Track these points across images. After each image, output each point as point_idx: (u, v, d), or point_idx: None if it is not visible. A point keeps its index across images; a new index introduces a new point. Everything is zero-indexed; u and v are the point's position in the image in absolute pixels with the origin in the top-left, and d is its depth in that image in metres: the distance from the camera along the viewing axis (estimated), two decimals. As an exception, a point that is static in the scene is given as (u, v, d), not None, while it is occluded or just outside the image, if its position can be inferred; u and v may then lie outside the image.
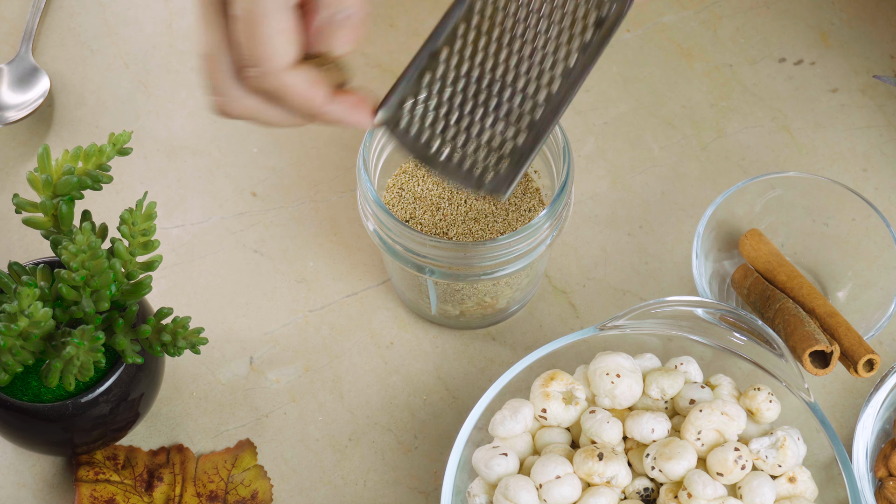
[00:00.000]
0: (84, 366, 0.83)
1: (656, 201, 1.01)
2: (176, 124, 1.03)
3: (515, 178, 0.77)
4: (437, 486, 0.92)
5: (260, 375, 0.95)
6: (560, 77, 0.78)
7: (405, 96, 0.78)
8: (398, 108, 0.78)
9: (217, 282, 0.98)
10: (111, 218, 1.00)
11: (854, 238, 0.95)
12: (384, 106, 0.78)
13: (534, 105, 0.78)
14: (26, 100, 1.02)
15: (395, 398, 0.95)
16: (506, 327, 0.97)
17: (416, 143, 0.78)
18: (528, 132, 0.77)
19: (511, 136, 0.78)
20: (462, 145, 0.78)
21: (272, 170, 1.02)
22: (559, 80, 0.78)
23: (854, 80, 1.05)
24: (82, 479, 0.91)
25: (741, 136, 1.03)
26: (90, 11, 1.07)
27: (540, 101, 0.78)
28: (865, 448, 0.89)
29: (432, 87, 0.78)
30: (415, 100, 0.78)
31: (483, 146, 0.78)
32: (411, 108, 0.78)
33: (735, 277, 0.95)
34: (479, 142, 0.78)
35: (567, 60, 0.78)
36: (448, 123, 0.78)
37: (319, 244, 1.00)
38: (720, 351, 0.89)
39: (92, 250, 0.82)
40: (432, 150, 0.78)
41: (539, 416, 0.86)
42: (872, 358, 0.89)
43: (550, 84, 0.78)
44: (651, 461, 0.84)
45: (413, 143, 0.78)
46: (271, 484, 0.92)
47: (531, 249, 0.89)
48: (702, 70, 1.06)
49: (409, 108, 0.78)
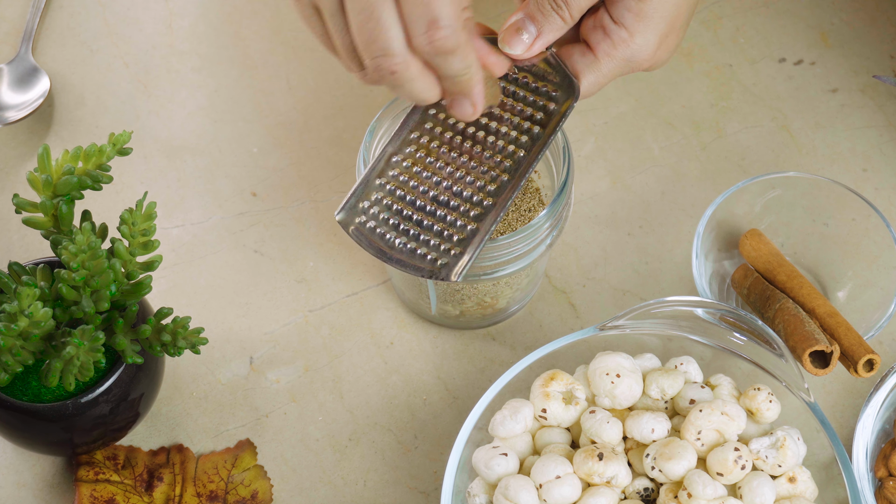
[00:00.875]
0: (84, 366, 0.83)
1: (656, 201, 1.01)
2: (176, 124, 1.03)
3: (466, 265, 0.83)
4: (437, 486, 0.92)
5: (260, 375, 0.95)
6: (507, 170, 0.84)
7: (362, 197, 0.85)
8: (355, 208, 0.85)
9: (217, 282, 0.98)
10: (111, 218, 1.00)
11: (854, 238, 0.95)
12: (343, 208, 0.85)
13: (482, 198, 0.84)
14: (26, 100, 1.02)
15: (395, 398, 0.95)
16: (506, 327, 0.97)
17: (373, 238, 0.84)
18: (476, 222, 0.83)
19: (460, 226, 0.84)
20: (415, 238, 0.84)
21: (272, 170, 1.02)
22: (507, 173, 0.84)
23: (854, 80, 1.05)
24: (82, 479, 0.90)
25: (741, 136, 1.03)
26: (90, 11, 1.07)
27: (488, 193, 0.84)
28: (865, 448, 0.89)
29: (388, 187, 0.85)
30: (372, 200, 0.85)
31: (435, 237, 0.84)
32: (368, 206, 0.85)
33: (735, 277, 0.95)
34: (432, 233, 0.84)
35: (514, 155, 0.84)
36: (402, 218, 0.84)
37: (319, 244, 0.99)
38: (720, 351, 0.89)
39: (92, 250, 0.82)
40: (388, 242, 0.84)
41: (539, 416, 0.86)
42: (872, 358, 0.89)
43: (498, 178, 0.84)
44: (651, 461, 0.84)
45: (369, 238, 0.84)
46: (271, 484, 0.92)
47: (531, 249, 0.89)
48: (702, 70, 1.05)
49: (365, 208, 0.85)
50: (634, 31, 0.84)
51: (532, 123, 0.85)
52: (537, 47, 0.84)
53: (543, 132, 0.84)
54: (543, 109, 0.85)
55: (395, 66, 0.79)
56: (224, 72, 1.05)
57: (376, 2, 0.77)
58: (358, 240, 0.85)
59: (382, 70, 0.79)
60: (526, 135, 0.84)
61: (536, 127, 0.84)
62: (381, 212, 0.85)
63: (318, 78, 1.05)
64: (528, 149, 0.84)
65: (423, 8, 0.77)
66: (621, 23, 0.84)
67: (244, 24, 1.07)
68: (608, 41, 0.84)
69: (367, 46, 0.78)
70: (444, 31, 0.77)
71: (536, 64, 0.85)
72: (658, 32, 0.84)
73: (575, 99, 0.84)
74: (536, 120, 0.85)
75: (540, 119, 0.85)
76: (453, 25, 0.77)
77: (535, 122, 0.85)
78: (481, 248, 0.83)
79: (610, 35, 0.84)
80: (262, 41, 1.06)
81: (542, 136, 0.84)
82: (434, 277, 0.83)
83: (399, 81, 0.79)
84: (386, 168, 0.85)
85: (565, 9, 0.83)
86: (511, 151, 0.84)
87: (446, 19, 0.77)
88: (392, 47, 0.78)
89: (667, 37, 0.85)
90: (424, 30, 0.77)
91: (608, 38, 0.84)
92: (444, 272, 0.83)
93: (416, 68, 0.79)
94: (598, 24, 0.84)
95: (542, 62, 0.85)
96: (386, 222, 0.84)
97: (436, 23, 0.77)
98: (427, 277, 0.83)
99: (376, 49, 0.78)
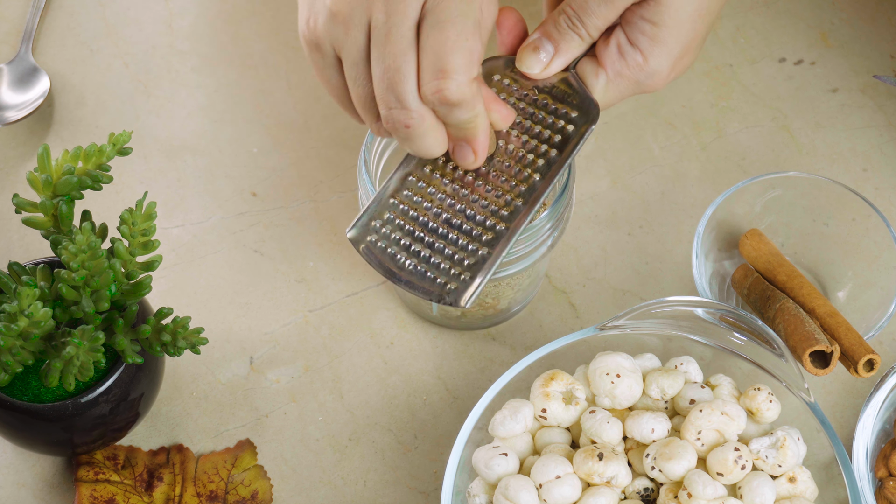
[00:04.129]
0: (84, 366, 0.83)
1: (656, 201, 1.01)
2: (176, 124, 1.03)
3: (475, 291, 0.82)
4: (437, 486, 0.92)
5: (260, 375, 0.95)
6: (522, 195, 0.83)
7: (374, 215, 0.84)
8: (367, 226, 0.84)
9: (217, 282, 0.98)
10: (111, 218, 1.00)
11: (854, 238, 0.95)
12: (355, 225, 0.84)
13: (495, 223, 0.83)
14: (26, 100, 1.02)
15: (395, 398, 0.95)
16: (506, 327, 0.97)
17: (383, 258, 0.83)
18: (488, 248, 0.82)
19: (472, 251, 0.83)
20: (426, 260, 0.83)
21: (272, 170, 1.02)
22: (521, 198, 0.83)
23: (854, 80, 1.05)
24: (82, 479, 0.91)
25: (741, 136, 1.03)
26: (90, 11, 1.07)
27: (502, 218, 0.83)
28: (865, 448, 0.89)
29: (401, 207, 0.84)
30: (384, 219, 0.84)
31: (445, 260, 0.83)
32: (380, 226, 0.84)
33: (735, 277, 0.95)
34: (442, 256, 0.83)
35: (529, 180, 0.83)
36: (413, 239, 0.83)
37: (319, 244, 1.00)
38: (720, 351, 0.89)
39: (92, 250, 0.82)
40: (398, 263, 0.83)
41: (539, 416, 0.86)
42: (872, 358, 0.89)
43: (512, 202, 0.83)
44: (651, 461, 0.84)
45: (379, 258, 0.84)
46: (271, 484, 0.92)
47: (533, 250, 0.89)
48: (702, 70, 1.06)
49: (377, 226, 0.84)
50: (649, 56, 0.83)
51: (549, 147, 0.83)
52: (555, 67, 0.84)
53: (559, 156, 0.83)
54: (561, 132, 0.83)
55: (409, 120, 0.79)
56: (224, 72, 1.05)
57: (400, 51, 0.78)
58: (368, 259, 0.84)
59: (397, 122, 0.79)
60: (542, 158, 0.83)
61: (553, 151, 0.83)
62: (393, 231, 0.84)
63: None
64: (544, 173, 0.83)
65: (434, 58, 0.77)
66: (636, 45, 0.83)
67: (244, 24, 1.07)
68: (622, 62, 0.83)
69: (384, 96, 0.78)
70: (453, 82, 0.77)
71: (556, 85, 0.84)
72: (672, 57, 0.83)
73: (593, 122, 0.83)
74: (554, 143, 0.83)
75: (557, 142, 0.83)
76: (462, 78, 0.78)
77: (553, 145, 0.83)
78: (491, 275, 0.82)
79: (624, 56, 0.83)
80: (262, 41, 1.06)
81: (557, 161, 0.83)
82: (442, 302, 0.82)
83: (411, 136, 0.80)
84: (400, 187, 0.84)
85: (582, 27, 0.83)
86: (527, 176, 0.83)
87: (456, 71, 0.77)
88: (408, 99, 0.78)
89: (681, 58, 0.84)
90: (432, 78, 0.77)
91: (622, 59, 0.83)
92: (451, 297, 0.82)
93: (430, 122, 0.79)
94: (612, 42, 0.83)
95: (562, 83, 0.84)
96: (397, 242, 0.84)
97: (445, 73, 0.77)
98: (436, 301, 0.82)
99: (392, 100, 0.78)
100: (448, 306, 0.85)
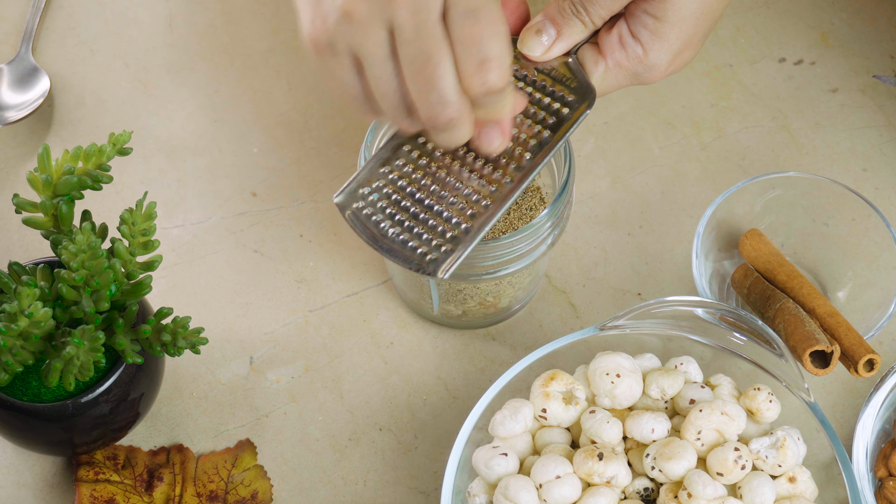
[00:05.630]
0: (84, 366, 0.83)
1: (656, 201, 1.01)
2: (176, 124, 1.03)
3: (455, 263, 0.82)
4: (437, 486, 0.92)
5: (260, 375, 0.95)
6: (511, 172, 0.83)
7: (363, 183, 0.84)
8: (354, 192, 0.84)
9: (217, 282, 0.98)
10: (111, 218, 1.00)
11: (854, 238, 0.95)
12: (343, 191, 0.84)
13: (482, 198, 0.83)
14: (26, 100, 1.02)
15: (395, 398, 0.95)
16: (506, 327, 0.97)
17: (367, 224, 0.84)
18: (472, 221, 0.83)
19: (456, 223, 0.83)
20: (409, 230, 0.83)
21: (272, 170, 1.02)
22: (510, 175, 0.83)
23: (854, 80, 1.05)
24: (82, 479, 0.91)
25: (741, 136, 1.03)
26: (90, 11, 1.07)
27: (489, 194, 0.83)
28: (865, 448, 0.89)
29: (391, 177, 0.84)
30: (372, 187, 0.84)
31: (429, 231, 0.83)
32: (368, 193, 0.84)
33: (735, 277, 0.95)
34: (426, 227, 0.83)
35: (521, 158, 0.83)
36: (399, 209, 0.84)
37: (319, 244, 1.00)
38: (720, 351, 0.89)
39: (92, 250, 0.82)
40: (381, 230, 0.83)
41: (539, 416, 0.86)
42: (872, 358, 0.89)
43: (501, 179, 0.83)
44: (651, 461, 0.84)
45: (364, 224, 0.84)
46: (271, 484, 0.92)
47: (533, 248, 0.89)
48: (702, 70, 1.06)
49: (365, 194, 0.84)
50: (649, 49, 0.83)
51: (543, 127, 0.84)
52: (556, 50, 0.84)
53: (552, 137, 0.84)
54: (556, 114, 0.84)
55: (452, 113, 0.78)
56: (224, 72, 1.05)
57: (434, 47, 0.77)
58: (353, 224, 0.84)
59: (440, 118, 0.79)
60: (535, 139, 0.84)
61: (546, 131, 0.84)
62: (380, 200, 0.84)
63: (318, 78, 1.05)
64: (535, 153, 0.84)
65: (473, 49, 0.77)
66: (638, 38, 0.83)
67: (244, 24, 1.07)
68: (622, 53, 0.84)
69: (422, 93, 0.78)
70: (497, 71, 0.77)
71: (556, 68, 0.85)
72: (672, 52, 0.84)
73: (589, 106, 0.84)
74: (548, 124, 0.84)
75: (551, 124, 0.84)
76: (504, 64, 0.78)
77: (547, 126, 0.84)
78: (472, 248, 0.82)
79: (625, 47, 0.84)
80: (262, 41, 1.06)
81: (550, 141, 0.84)
82: (421, 271, 0.82)
83: (451, 128, 0.79)
84: (392, 157, 0.85)
85: (586, 15, 0.83)
86: (519, 154, 0.84)
87: (498, 59, 0.77)
88: (449, 94, 0.78)
89: (681, 53, 0.85)
90: (476, 71, 0.77)
91: (623, 50, 0.84)
92: (431, 267, 0.82)
93: (468, 112, 0.79)
94: (615, 32, 0.84)
95: (562, 66, 0.84)
96: (382, 210, 0.84)
97: (488, 63, 0.77)
98: (414, 270, 0.82)
99: (433, 96, 0.78)
100: (438, 280, 0.85)
